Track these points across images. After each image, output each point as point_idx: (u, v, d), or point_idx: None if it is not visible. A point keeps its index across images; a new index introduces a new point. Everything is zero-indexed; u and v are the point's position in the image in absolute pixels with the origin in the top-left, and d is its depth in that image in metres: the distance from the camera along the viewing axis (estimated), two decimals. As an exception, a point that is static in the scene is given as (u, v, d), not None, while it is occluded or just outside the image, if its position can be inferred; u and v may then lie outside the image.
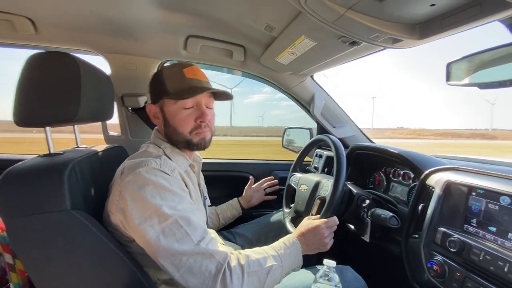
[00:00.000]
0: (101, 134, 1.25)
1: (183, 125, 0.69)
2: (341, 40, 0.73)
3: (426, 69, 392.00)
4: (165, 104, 0.70)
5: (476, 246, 0.57)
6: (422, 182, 0.75)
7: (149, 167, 0.61)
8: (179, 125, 0.69)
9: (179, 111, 0.68)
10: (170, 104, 0.69)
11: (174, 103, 0.68)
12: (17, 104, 0.60)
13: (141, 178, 0.59)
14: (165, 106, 0.70)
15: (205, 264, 0.56)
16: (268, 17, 0.83)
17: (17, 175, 0.55)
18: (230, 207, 1.11)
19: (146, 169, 0.60)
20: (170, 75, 0.69)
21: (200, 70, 0.73)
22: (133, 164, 0.62)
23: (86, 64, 0.67)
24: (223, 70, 1.41)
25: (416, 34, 0.60)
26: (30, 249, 0.55)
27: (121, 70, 1.16)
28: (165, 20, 0.97)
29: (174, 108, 0.68)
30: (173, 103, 0.68)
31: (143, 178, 0.59)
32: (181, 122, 0.69)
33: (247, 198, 1.14)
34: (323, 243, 0.73)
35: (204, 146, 0.73)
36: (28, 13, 0.92)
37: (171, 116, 0.69)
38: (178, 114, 0.68)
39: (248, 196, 1.15)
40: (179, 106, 0.68)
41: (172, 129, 0.69)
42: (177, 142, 0.71)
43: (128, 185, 0.59)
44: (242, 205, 1.13)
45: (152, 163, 0.61)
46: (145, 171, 0.59)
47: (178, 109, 0.68)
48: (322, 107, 1.32)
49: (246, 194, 1.15)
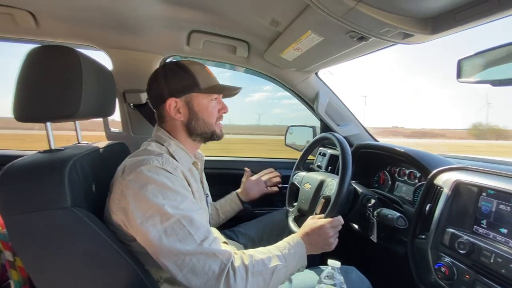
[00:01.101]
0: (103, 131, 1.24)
1: (212, 117, 0.75)
2: (349, 35, 0.71)
3: (423, 67, 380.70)
4: (194, 98, 0.72)
5: (486, 248, 0.55)
6: (429, 181, 0.74)
7: (151, 165, 0.59)
8: (209, 117, 0.74)
9: (209, 103, 0.74)
10: (201, 97, 0.72)
11: (205, 96, 0.73)
12: (17, 99, 0.59)
13: (143, 176, 0.58)
14: (194, 99, 0.72)
15: (209, 264, 0.55)
16: (273, 11, 0.81)
17: (16, 171, 0.54)
18: (228, 201, 1.07)
19: (148, 167, 0.59)
20: (199, 72, 0.72)
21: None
22: (135, 162, 0.61)
23: (88, 59, 0.65)
24: (225, 66, 1.39)
25: (428, 29, 0.58)
26: (30, 246, 0.54)
27: (123, 66, 1.14)
28: (168, 14, 0.95)
29: (205, 102, 0.73)
30: (204, 97, 0.73)
31: (145, 176, 0.58)
32: (210, 114, 0.74)
33: (245, 190, 1.10)
34: (328, 243, 0.72)
35: (222, 136, 0.79)
36: (29, 7, 0.91)
37: (202, 109, 0.73)
38: (209, 106, 0.74)
39: (246, 188, 1.10)
40: (209, 99, 0.74)
41: (201, 121, 0.73)
42: (201, 134, 0.74)
43: (129, 184, 0.58)
44: (241, 198, 1.09)
45: (154, 161, 0.60)
46: (147, 170, 0.58)
47: (208, 102, 0.74)
48: (326, 105, 1.30)
49: (244, 186, 1.12)
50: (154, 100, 0.74)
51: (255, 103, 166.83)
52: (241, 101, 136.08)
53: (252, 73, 1.36)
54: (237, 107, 78.33)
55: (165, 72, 0.71)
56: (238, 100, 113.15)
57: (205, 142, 0.78)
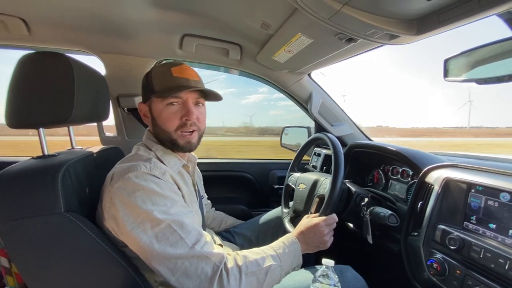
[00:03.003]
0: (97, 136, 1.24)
1: (168, 123, 0.68)
2: (338, 37, 0.72)
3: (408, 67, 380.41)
4: (152, 103, 0.70)
5: (476, 244, 0.56)
6: (421, 179, 0.75)
7: (139, 171, 0.59)
8: (164, 123, 0.68)
9: (164, 108, 0.68)
10: (157, 102, 0.69)
11: (160, 101, 0.68)
12: (9, 105, 0.59)
13: (131, 183, 0.57)
14: (153, 104, 0.70)
15: (201, 267, 0.55)
16: (263, 14, 0.82)
17: (9, 177, 0.54)
18: (234, 221, 1.10)
19: (135, 174, 0.58)
20: (158, 74, 0.70)
21: (191, 69, 0.72)
22: (123, 169, 0.60)
23: (80, 64, 0.66)
24: (220, 69, 1.40)
25: (413, 30, 0.60)
26: (24, 252, 0.54)
27: (116, 70, 1.15)
28: (160, 19, 0.95)
29: (160, 106, 0.68)
30: (159, 101, 0.68)
31: (133, 183, 0.57)
32: (166, 120, 0.68)
33: None
34: (323, 241, 0.72)
35: (190, 148, 0.72)
36: (21, 13, 0.91)
37: (158, 114, 0.69)
38: (163, 111, 0.68)
39: None
40: (164, 104, 0.68)
41: (159, 128, 0.70)
42: (164, 142, 0.71)
43: (118, 192, 0.57)
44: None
45: (142, 167, 0.60)
46: (134, 176, 0.58)
47: (163, 107, 0.68)
48: (319, 106, 1.31)
49: None
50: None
51: (251, 105, 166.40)
52: (237, 104, 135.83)
53: (246, 75, 1.37)
54: (233, 109, 77.68)
55: (144, 76, 0.74)
56: (235, 103, 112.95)
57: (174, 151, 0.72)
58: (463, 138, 39.01)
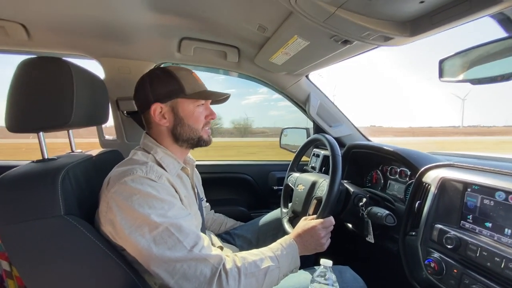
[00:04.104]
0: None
1: (198, 122, 0.74)
2: (333, 39, 0.73)
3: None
4: (179, 104, 0.72)
5: (472, 243, 0.56)
6: (418, 179, 0.75)
7: (135, 175, 0.59)
8: (195, 122, 0.73)
9: (195, 109, 0.73)
10: (187, 103, 0.72)
11: (191, 102, 0.72)
12: (9, 109, 0.60)
13: (127, 188, 0.58)
14: (179, 105, 0.72)
15: (200, 269, 0.55)
16: (260, 17, 0.82)
17: (10, 181, 0.55)
18: (234, 223, 1.10)
19: (132, 178, 0.59)
20: (185, 77, 0.72)
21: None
22: (119, 173, 0.60)
23: (79, 69, 0.67)
24: (219, 71, 1.41)
25: (407, 31, 0.60)
26: (24, 255, 0.55)
27: (115, 74, 1.15)
28: (158, 22, 0.96)
29: (191, 107, 0.73)
30: (190, 102, 0.72)
31: (129, 188, 0.57)
32: (196, 120, 0.73)
33: None
34: (320, 244, 0.72)
35: (210, 141, 0.78)
36: (20, 19, 0.92)
37: (188, 115, 0.72)
38: (195, 112, 0.73)
39: None
40: (195, 105, 0.73)
41: (187, 127, 0.73)
42: (187, 140, 0.74)
43: (114, 196, 0.58)
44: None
45: (138, 171, 0.60)
46: (131, 180, 0.58)
47: (194, 107, 0.73)
48: (318, 107, 1.32)
49: None
50: (140, 105, 0.74)
51: (252, 105, 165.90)
52: (238, 104, 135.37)
53: (244, 77, 1.38)
54: (232, 110, 77.13)
55: (150, 78, 0.72)
56: (236, 103, 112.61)
57: (193, 148, 0.77)
58: (455, 137, 38.44)
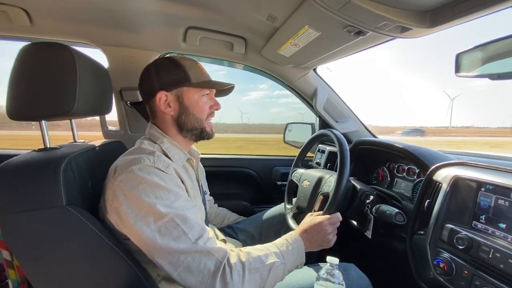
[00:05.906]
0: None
1: (202, 112, 0.73)
2: (347, 29, 0.70)
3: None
4: (184, 92, 0.71)
5: (485, 243, 0.55)
6: (428, 177, 0.73)
7: (143, 164, 0.59)
8: (199, 112, 0.73)
9: (200, 98, 0.72)
10: (193, 92, 0.71)
11: (197, 91, 0.72)
12: (10, 96, 0.58)
13: (134, 176, 0.57)
14: (185, 94, 0.71)
15: (204, 262, 0.54)
16: (270, 6, 0.80)
17: (11, 170, 0.54)
18: (237, 217, 1.10)
19: (139, 167, 0.58)
20: (190, 67, 0.72)
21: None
22: (126, 162, 0.60)
23: (83, 56, 0.65)
24: (223, 63, 1.38)
25: (426, 22, 0.57)
26: (25, 246, 0.54)
27: (119, 63, 1.13)
28: (164, 11, 0.94)
29: (196, 96, 0.72)
30: (196, 91, 0.72)
31: (136, 176, 0.57)
32: (201, 109, 0.73)
33: None
34: (326, 240, 0.72)
35: (213, 134, 0.77)
36: (23, 4, 0.90)
37: (193, 103, 0.72)
38: (200, 101, 0.72)
39: None
40: (200, 94, 0.72)
41: (192, 116, 0.72)
42: (191, 130, 0.73)
43: (121, 185, 0.57)
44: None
45: (146, 160, 0.60)
46: (138, 169, 0.58)
47: (199, 97, 0.72)
48: (324, 102, 1.30)
49: None
50: (145, 94, 0.74)
51: (253, 101, 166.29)
52: (239, 100, 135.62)
53: (250, 69, 1.35)
54: (231, 106, 76.82)
55: (156, 67, 0.71)
56: (237, 99, 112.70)
57: (196, 140, 0.76)
58: (443, 137, 37.90)
